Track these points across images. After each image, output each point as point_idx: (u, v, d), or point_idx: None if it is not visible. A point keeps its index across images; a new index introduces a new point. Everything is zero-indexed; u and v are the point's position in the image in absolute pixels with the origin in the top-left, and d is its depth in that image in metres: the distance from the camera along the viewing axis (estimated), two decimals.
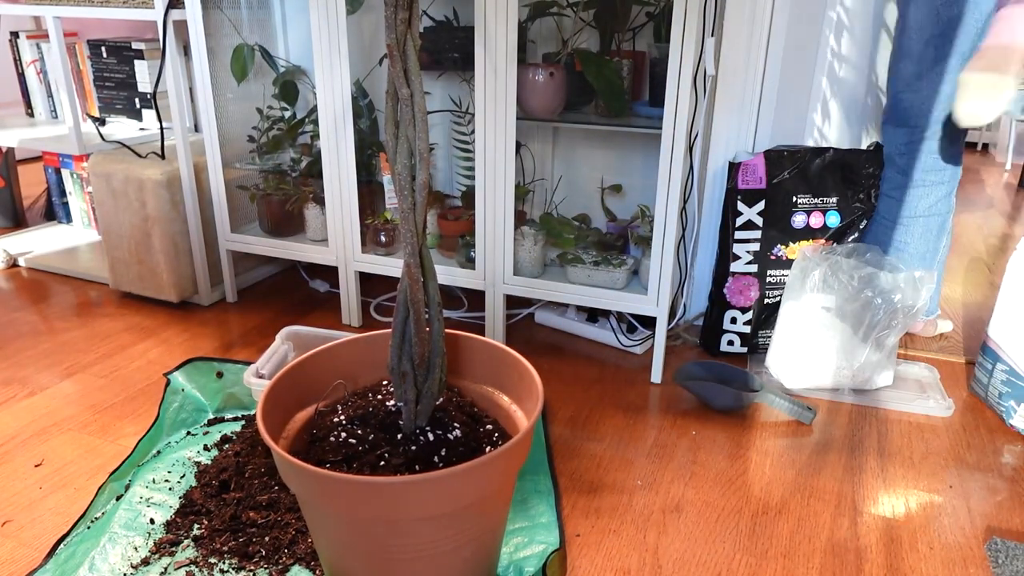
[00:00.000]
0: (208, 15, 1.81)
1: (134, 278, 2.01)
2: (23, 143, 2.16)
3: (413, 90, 0.84)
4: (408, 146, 0.85)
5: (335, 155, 1.77)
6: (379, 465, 0.92)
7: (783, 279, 1.72)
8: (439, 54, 1.77)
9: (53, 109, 2.45)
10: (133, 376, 1.66)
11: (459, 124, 1.88)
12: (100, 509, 1.22)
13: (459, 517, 0.89)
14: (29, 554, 1.14)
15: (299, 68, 2.04)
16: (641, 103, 1.71)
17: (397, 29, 0.82)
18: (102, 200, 1.95)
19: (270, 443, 0.87)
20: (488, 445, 0.98)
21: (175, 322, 1.93)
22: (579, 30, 1.73)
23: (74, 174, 2.52)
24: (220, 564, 1.09)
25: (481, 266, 1.73)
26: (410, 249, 0.88)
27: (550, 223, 1.77)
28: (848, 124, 1.74)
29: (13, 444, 1.41)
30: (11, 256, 2.29)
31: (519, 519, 1.19)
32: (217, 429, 1.43)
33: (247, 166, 2.00)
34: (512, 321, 1.95)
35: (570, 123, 1.75)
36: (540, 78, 1.62)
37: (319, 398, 1.06)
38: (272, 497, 1.19)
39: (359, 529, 0.89)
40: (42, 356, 1.75)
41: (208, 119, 1.87)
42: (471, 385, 1.11)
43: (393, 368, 0.95)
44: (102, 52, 2.17)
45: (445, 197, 2.00)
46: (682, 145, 1.49)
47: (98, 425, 1.48)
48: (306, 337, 1.58)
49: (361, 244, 1.84)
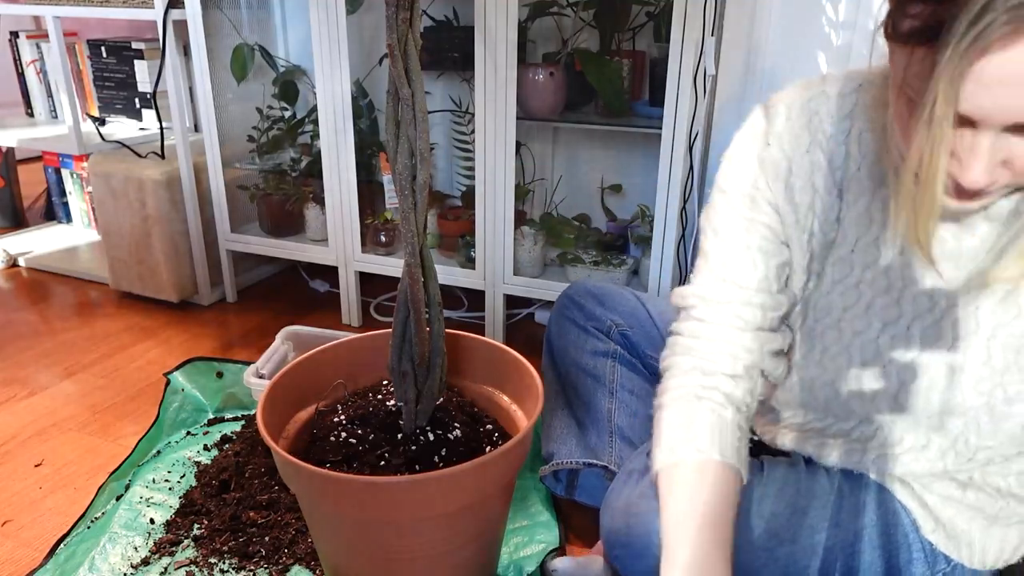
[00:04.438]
0: (208, 15, 1.81)
1: (134, 278, 2.01)
2: (23, 143, 2.16)
3: (414, 90, 0.84)
4: (409, 146, 0.85)
5: (335, 155, 1.77)
6: (379, 465, 0.92)
7: None
8: (439, 54, 1.77)
9: (53, 109, 2.44)
10: (133, 376, 1.66)
11: (459, 124, 1.88)
12: (100, 509, 1.22)
13: (459, 517, 0.89)
14: (29, 554, 1.14)
15: (299, 68, 2.03)
16: (641, 103, 1.71)
17: (398, 29, 0.82)
18: (102, 200, 1.95)
19: (270, 443, 0.87)
20: (488, 445, 0.98)
21: (175, 322, 1.93)
22: (579, 30, 1.72)
23: (74, 174, 2.52)
24: (220, 564, 1.09)
25: (481, 266, 1.73)
26: (410, 249, 0.88)
27: (550, 223, 1.76)
28: None
29: (13, 444, 1.41)
30: (11, 256, 2.29)
31: (519, 518, 1.19)
32: (217, 429, 1.43)
33: (247, 166, 2.00)
34: (512, 321, 1.95)
35: (570, 123, 1.75)
36: (540, 78, 1.62)
37: (319, 398, 1.06)
38: (272, 497, 1.19)
39: (359, 529, 0.88)
40: (42, 356, 1.75)
41: (208, 119, 1.87)
42: (471, 385, 1.11)
43: (393, 368, 0.95)
44: (102, 52, 2.17)
45: (445, 197, 2.00)
46: (682, 145, 1.49)
47: (98, 425, 1.47)
48: (306, 337, 1.58)
49: (361, 244, 1.84)
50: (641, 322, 1.17)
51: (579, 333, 1.18)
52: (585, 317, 1.18)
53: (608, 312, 1.17)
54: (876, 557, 0.82)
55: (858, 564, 0.81)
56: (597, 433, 1.14)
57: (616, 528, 0.85)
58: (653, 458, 0.79)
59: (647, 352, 1.16)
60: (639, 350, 1.16)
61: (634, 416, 1.13)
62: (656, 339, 1.15)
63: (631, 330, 1.16)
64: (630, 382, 1.16)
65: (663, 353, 0.86)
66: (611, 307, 1.18)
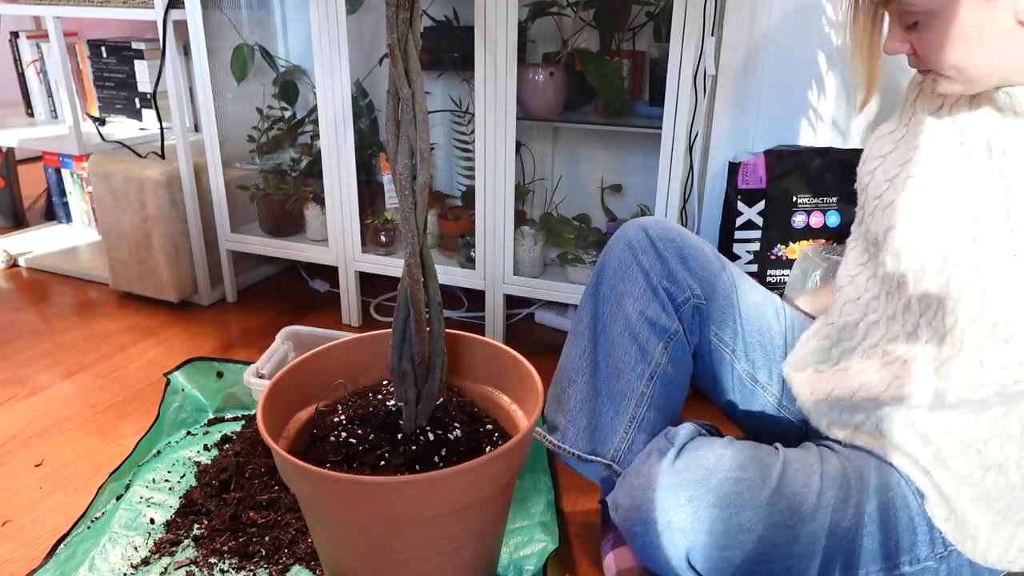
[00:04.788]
0: (208, 15, 1.81)
1: (134, 278, 2.01)
2: (23, 143, 2.16)
3: (414, 90, 0.84)
4: (409, 146, 0.85)
5: (335, 155, 1.77)
6: (379, 465, 0.92)
7: (783, 279, 1.72)
8: (439, 54, 1.77)
9: (53, 109, 2.44)
10: (133, 376, 1.66)
11: (459, 124, 1.88)
12: (100, 509, 1.22)
13: (459, 517, 0.89)
14: (29, 554, 1.14)
15: (299, 68, 2.03)
16: (641, 103, 1.71)
17: (398, 29, 0.82)
18: (102, 200, 1.95)
19: (270, 443, 0.87)
20: (488, 445, 0.98)
21: (175, 322, 1.93)
22: (579, 30, 1.72)
23: (74, 174, 2.52)
24: (220, 564, 1.09)
25: (481, 266, 1.73)
26: (411, 249, 0.88)
27: (550, 223, 1.76)
28: (849, 124, 1.74)
29: (13, 444, 1.41)
30: (11, 256, 2.29)
31: (519, 519, 1.19)
32: (217, 429, 1.43)
33: (247, 166, 2.00)
34: (512, 321, 1.95)
35: (570, 123, 1.75)
36: (540, 78, 1.62)
37: (319, 398, 1.06)
38: (272, 497, 1.19)
39: (359, 529, 0.88)
40: (42, 356, 1.75)
41: (208, 119, 1.87)
42: (471, 385, 1.11)
43: (393, 368, 0.95)
44: (102, 52, 2.17)
45: (445, 197, 2.00)
46: (682, 145, 1.49)
47: (98, 425, 1.47)
48: (306, 337, 1.58)
49: (361, 244, 1.84)
50: (721, 296, 1.02)
51: (646, 289, 0.99)
52: (662, 274, 0.99)
53: (690, 277, 1.00)
54: (876, 543, 0.84)
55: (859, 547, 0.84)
56: (615, 412, 0.99)
57: (635, 505, 0.85)
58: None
59: (713, 328, 1.02)
60: (705, 325, 1.02)
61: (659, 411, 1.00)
62: (730, 317, 1.02)
63: (708, 303, 1.01)
64: (673, 372, 1.01)
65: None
66: (696, 272, 1.00)
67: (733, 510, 0.82)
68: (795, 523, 0.83)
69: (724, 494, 0.82)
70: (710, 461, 0.85)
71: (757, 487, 0.83)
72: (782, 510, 0.83)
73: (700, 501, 0.82)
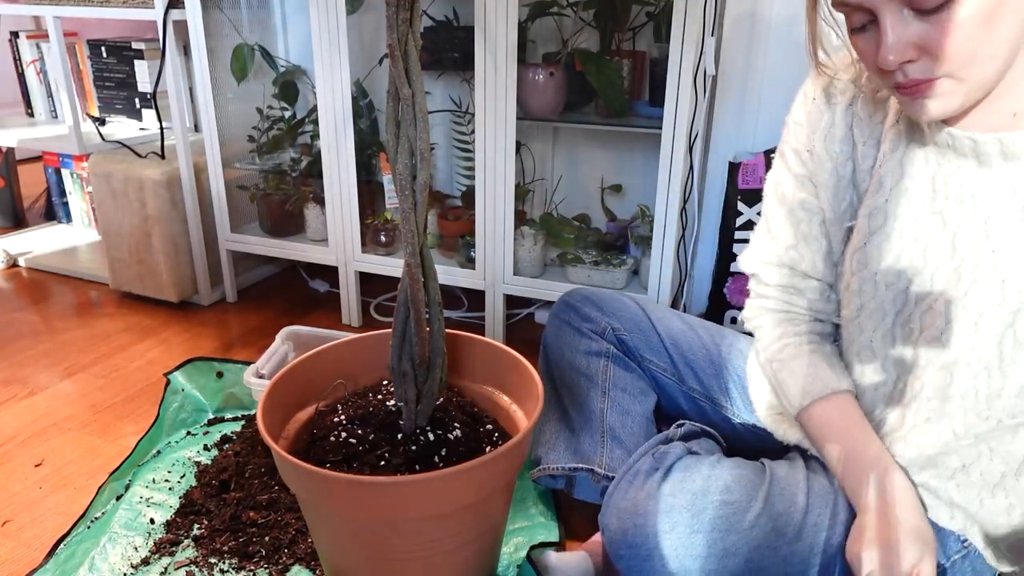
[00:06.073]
0: (208, 15, 1.81)
1: (134, 278, 2.01)
2: (23, 143, 2.16)
3: (414, 90, 0.84)
4: (409, 146, 0.85)
5: (335, 155, 1.77)
6: (379, 465, 0.92)
7: None
8: (439, 54, 1.77)
9: (53, 109, 2.44)
10: (133, 376, 1.66)
11: (459, 124, 1.88)
12: (100, 509, 1.22)
13: (459, 517, 0.89)
14: (29, 554, 1.14)
15: (299, 68, 2.03)
16: (641, 103, 1.71)
17: (398, 29, 0.82)
18: (102, 200, 1.95)
19: (270, 443, 0.87)
20: (488, 445, 0.98)
21: (175, 322, 1.93)
22: (579, 30, 1.72)
23: (74, 174, 2.52)
24: (220, 564, 1.09)
25: (481, 266, 1.73)
26: (411, 249, 0.88)
27: (550, 223, 1.76)
28: None
29: (13, 444, 1.41)
30: (11, 256, 2.29)
31: (519, 518, 1.19)
32: (217, 429, 1.43)
33: (247, 166, 2.00)
34: (512, 321, 1.95)
35: (570, 123, 1.75)
36: (540, 78, 1.62)
37: (319, 398, 1.06)
38: (272, 497, 1.19)
39: (359, 529, 0.88)
40: (42, 356, 1.75)
41: (208, 119, 1.87)
42: (471, 385, 1.11)
43: (393, 368, 0.95)
44: (102, 52, 2.17)
45: (445, 197, 2.00)
46: (682, 145, 1.49)
47: (98, 425, 1.47)
48: (306, 337, 1.58)
49: (361, 244, 1.84)
50: (641, 328, 1.16)
51: (573, 335, 1.18)
52: (581, 319, 1.18)
53: (605, 316, 1.17)
54: None
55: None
56: (589, 434, 1.13)
57: (623, 529, 0.85)
58: (788, 401, 0.91)
59: (646, 356, 1.15)
60: (637, 353, 1.16)
61: (626, 415, 1.13)
62: (656, 345, 1.15)
63: (629, 335, 1.16)
64: (623, 380, 1.15)
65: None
66: (609, 312, 1.17)
67: (718, 535, 0.81)
68: (780, 544, 0.82)
69: (710, 519, 0.82)
70: (696, 485, 0.85)
71: (743, 510, 0.82)
72: (768, 532, 0.82)
73: (686, 528, 0.82)
